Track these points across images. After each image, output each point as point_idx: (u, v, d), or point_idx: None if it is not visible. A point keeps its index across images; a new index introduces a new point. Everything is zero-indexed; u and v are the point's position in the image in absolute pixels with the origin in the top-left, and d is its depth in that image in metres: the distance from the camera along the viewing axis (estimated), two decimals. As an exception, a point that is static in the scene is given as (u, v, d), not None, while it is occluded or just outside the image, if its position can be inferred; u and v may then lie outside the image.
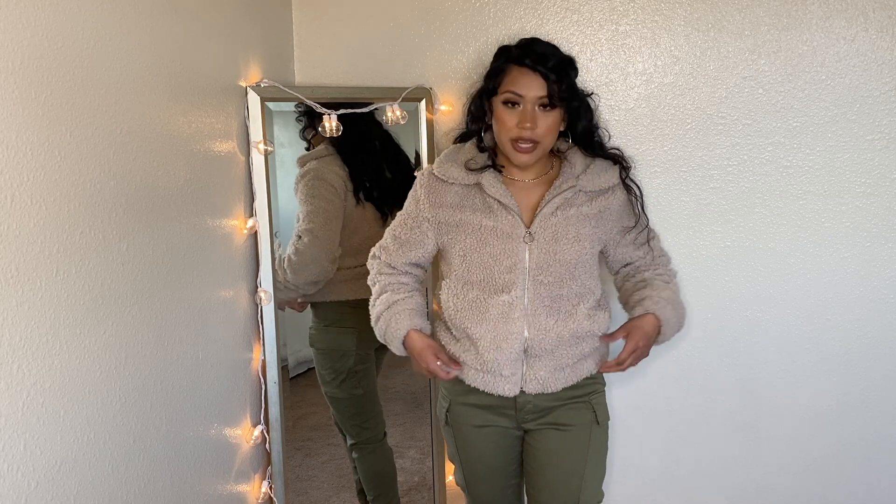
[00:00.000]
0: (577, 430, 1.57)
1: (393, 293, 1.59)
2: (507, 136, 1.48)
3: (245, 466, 1.76)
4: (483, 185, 1.50)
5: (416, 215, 1.59)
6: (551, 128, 1.48)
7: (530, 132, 1.45)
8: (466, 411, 1.61)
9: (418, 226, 1.59)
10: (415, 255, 1.60)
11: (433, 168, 1.58)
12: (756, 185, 1.87)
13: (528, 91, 1.45)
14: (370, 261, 1.67)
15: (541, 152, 1.50)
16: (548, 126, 1.47)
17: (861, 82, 1.80)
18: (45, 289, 0.99)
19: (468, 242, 1.52)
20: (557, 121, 1.49)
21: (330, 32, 1.93)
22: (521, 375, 1.53)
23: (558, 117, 1.49)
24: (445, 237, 1.56)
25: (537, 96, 1.45)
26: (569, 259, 1.51)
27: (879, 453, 1.97)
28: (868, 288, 1.89)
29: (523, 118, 1.45)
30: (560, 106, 1.47)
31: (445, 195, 1.55)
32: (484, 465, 1.65)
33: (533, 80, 1.45)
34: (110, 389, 1.17)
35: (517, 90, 1.46)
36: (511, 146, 1.48)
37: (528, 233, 1.50)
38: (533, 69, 1.45)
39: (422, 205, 1.57)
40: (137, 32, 1.23)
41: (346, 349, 2.08)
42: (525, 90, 1.45)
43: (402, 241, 1.61)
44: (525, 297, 1.50)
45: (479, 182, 1.51)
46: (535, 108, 1.46)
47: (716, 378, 1.97)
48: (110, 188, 1.15)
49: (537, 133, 1.46)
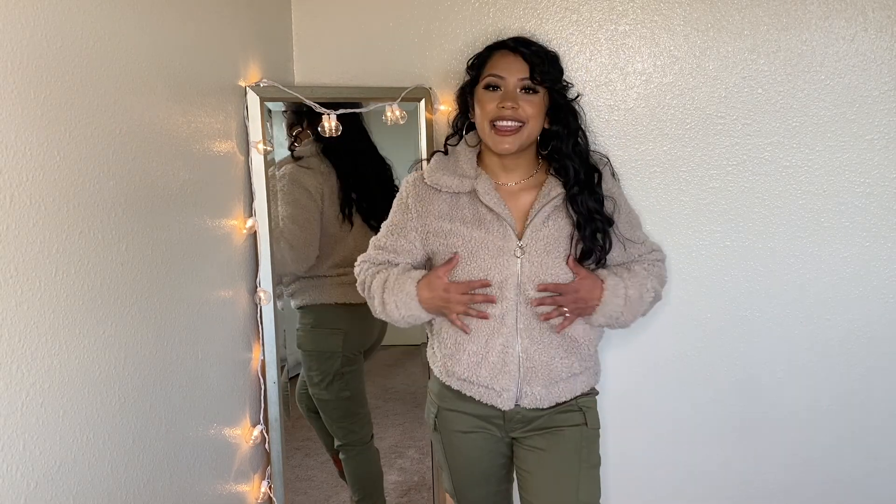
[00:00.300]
0: (568, 431, 1.54)
1: (381, 273, 1.54)
2: (487, 119, 1.45)
3: (244, 466, 1.76)
4: (478, 192, 1.48)
5: (403, 224, 1.55)
6: (534, 112, 1.45)
7: (511, 111, 1.42)
8: (455, 417, 1.58)
9: (405, 235, 1.55)
10: (402, 261, 1.57)
11: (423, 176, 1.55)
12: (756, 184, 1.87)
13: (510, 73, 1.44)
14: (356, 268, 1.62)
15: (523, 138, 1.46)
16: (531, 110, 1.44)
17: (860, 82, 1.80)
18: (44, 289, 0.99)
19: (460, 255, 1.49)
20: (541, 106, 1.46)
21: (329, 32, 1.93)
22: (516, 390, 1.51)
23: (542, 102, 1.46)
24: (433, 247, 1.53)
25: (519, 77, 1.44)
26: (559, 273, 1.49)
27: (879, 453, 1.97)
28: (868, 288, 1.89)
29: (504, 97, 1.43)
30: (543, 89, 1.45)
31: (434, 204, 1.52)
32: (473, 470, 1.63)
33: (514, 62, 1.45)
34: (110, 389, 1.16)
35: (498, 72, 1.45)
36: (491, 130, 1.45)
37: (520, 247, 1.47)
38: (514, 50, 1.45)
39: (410, 213, 1.54)
40: (136, 32, 1.23)
41: (333, 350, 2.08)
42: (506, 72, 1.44)
43: (388, 251, 1.57)
44: (517, 311, 1.48)
45: (475, 189, 1.49)
46: (518, 91, 1.44)
47: (716, 378, 1.97)
48: (109, 188, 1.15)
49: (519, 113, 1.43)
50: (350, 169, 2.01)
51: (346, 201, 2.00)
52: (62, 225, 1.03)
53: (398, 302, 1.49)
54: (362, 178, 2.03)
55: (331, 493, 2.18)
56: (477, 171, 1.52)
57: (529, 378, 1.51)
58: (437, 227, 1.52)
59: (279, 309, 1.87)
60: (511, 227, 1.48)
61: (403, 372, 2.33)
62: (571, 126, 1.51)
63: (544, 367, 1.50)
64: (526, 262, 1.47)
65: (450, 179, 1.51)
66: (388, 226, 1.59)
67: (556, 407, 1.54)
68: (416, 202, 1.54)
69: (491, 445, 1.59)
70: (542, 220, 1.48)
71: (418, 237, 1.55)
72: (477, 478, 1.64)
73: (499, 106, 1.43)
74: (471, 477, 1.64)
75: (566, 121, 1.51)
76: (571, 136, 1.51)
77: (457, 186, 1.50)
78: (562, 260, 1.49)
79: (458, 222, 1.50)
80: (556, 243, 1.49)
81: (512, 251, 1.47)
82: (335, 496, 2.18)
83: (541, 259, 1.47)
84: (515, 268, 1.47)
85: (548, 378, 1.51)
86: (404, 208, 1.56)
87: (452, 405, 1.58)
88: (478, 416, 1.56)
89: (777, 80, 1.82)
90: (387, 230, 1.59)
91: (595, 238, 1.50)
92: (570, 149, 1.50)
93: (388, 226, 1.59)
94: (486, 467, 1.62)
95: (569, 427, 1.55)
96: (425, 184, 1.54)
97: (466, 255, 1.48)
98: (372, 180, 2.04)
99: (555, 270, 1.48)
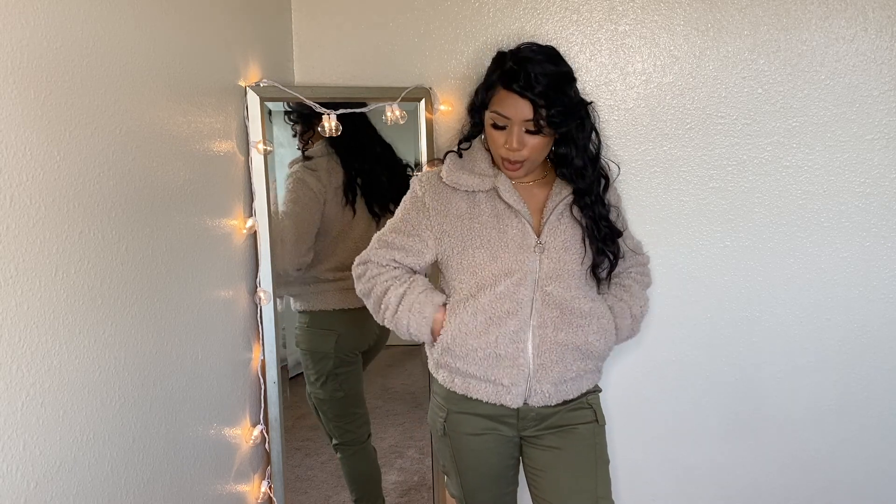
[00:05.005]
0: (582, 429, 1.56)
1: (399, 286, 1.53)
2: (496, 153, 1.49)
3: (244, 466, 1.76)
4: (499, 189, 1.49)
5: (417, 222, 1.54)
6: (539, 146, 1.46)
7: (517, 153, 1.45)
8: (465, 419, 1.58)
9: (418, 234, 1.54)
10: (410, 262, 1.56)
11: (441, 175, 1.54)
12: (756, 184, 1.87)
13: (515, 114, 1.42)
14: (357, 268, 1.60)
15: (530, 167, 1.50)
16: (534, 147, 1.45)
17: (860, 82, 1.80)
18: (44, 289, 0.99)
19: (479, 256, 1.49)
20: (547, 140, 1.47)
21: (329, 32, 1.93)
22: (526, 388, 1.52)
23: (547, 137, 1.46)
24: (446, 249, 1.53)
25: (523, 120, 1.42)
26: (575, 270, 1.50)
27: (879, 453, 1.97)
28: (868, 288, 1.89)
29: (509, 140, 1.44)
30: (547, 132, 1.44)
31: (453, 203, 1.52)
32: (483, 472, 1.62)
33: (520, 103, 1.41)
34: (110, 389, 1.16)
35: (504, 112, 1.43)
36: (500, 161, 1.49)
37: (539, 243, 1.49)
38: (521, 95, 1.41)
39: (428, 211, 1.53)
40: (136, 32, 1.23)
41: (325, 351, 2.08)
42: (511, 112, 1.43)
43: (395, 249, 1.55)
44: (533, 309, 1.49)
45: (496, 186, 1.50)
46: (522, 131, 1.44)
47: (716, 378, 1.97)
48: (109, 188, 1.15)
49: (524, 153, 1.45)
50: (355, 156, 2.01)
51: (350, 186, 2.00)
52: (62, 225, 1.03)
53: (411, 321, 1.52)
54: (365, 163, 2.02)
55: (331, 493, 2.18)
56: (495, 170, 1.53)
57: (539, 376, 1.51)
58: (453, 228, 1.52)
59: (279, 309, 1.87)
60: (529, 224, 1.49)
61: (403, 372, 2.33)
62: (579, 146, 1.51)
63: (555, 366, 1.51)
64: (545, 258, 1.49)
65: (469, 178, 1.52)
66: (397, 223, 1.57)
67: (565, 404, 1.55)
68: (434, 201, 1.53)
69: (501, 447, 1.60)
70: (556, 217, 1.51)
71: (432, 236, 1.54)
72: (487, 480, 1.64)
73: (504, 146, 1.45)
74: (481, 479, 1.64)
75: (574, 143, 1.50)
76: (579, 156, 1.51)
77: (477, 185, 1.51)
78: (578, 257, 1.51)
79: (476, 222, 1.51)
80: (573, 240, 1.51)
81: (531, 247, 1.48)
82: (335, 496, 2.18)
83: (559, 255, 1.49)
84: (535, 264, 1.48)
85: (558, 376, 1.52)
86: (420, 206, 1.54)
87: (462, 407, 1.57)
88: (488, 417, 1.56)
89: (777, 80, 1.82)
90: (396, 228, 1.57)
91: (605, 244, 1.53)
92: (576, 170, 1.51)
93: (398, 223, 1.57)
94: (496, 469, 1.62)
95: (582, 424, 1.56)
96: (443, 183, 1.54)
97: (488, 257, 1.49)
98: (375, 163, 2.04)
99: (572, 267, 1.50)
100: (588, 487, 1.53)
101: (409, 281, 1.54)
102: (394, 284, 1.53)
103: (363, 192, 2.01)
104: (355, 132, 1.90)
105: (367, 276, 1.58)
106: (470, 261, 1.51)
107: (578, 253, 1.51)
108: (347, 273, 1.64)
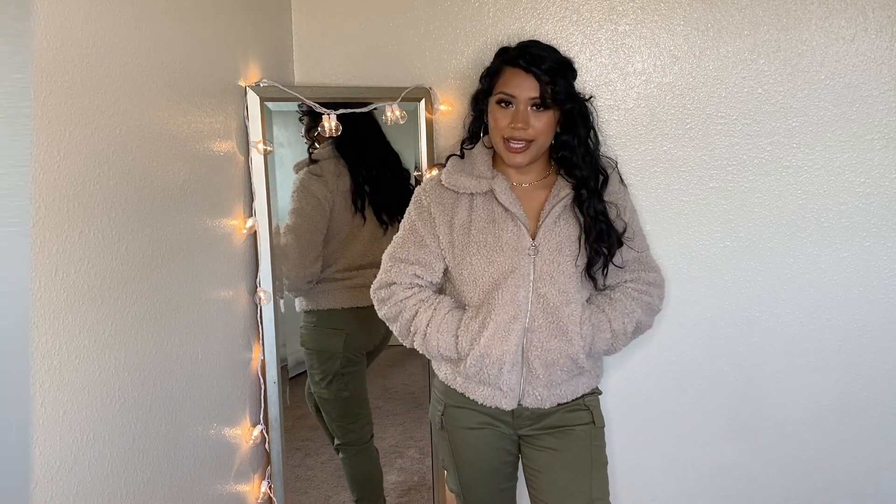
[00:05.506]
0: (578, 430, 1.57)
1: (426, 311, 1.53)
2: (500, 136, 1.48)
3: (244, 466, 1.76)
4: (495, 192, 1.50)
5: (424, 233, 1.54)
6: (545, 128, 1.47)
7: (522, 132, 1.45)
8: (462, 413, 1.59)
9: (427, 245, 1.55)
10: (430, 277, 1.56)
11: (441, 179, 1.55)
12: (756, 184, 1.87)
13: (521, 91, 1.45)
14: (380, 291, 1.58)
15: (535, 152, 1.49)
16: (541, 126, 1.46)
17: (860, 82, 1.80)
18: (44, 289, 0.99)
19: (476, 263, 1.50)
20: (551, 121, 1.48)
21: (329, 32, 1.93)
22: (520, 391, 1.53)
23: (552, 118, 1.48)
24: (451, 259, 1.54)
25: (529, 97, 1.45)
26: (570, 272, 1.50)
27: (879, 453, 1.97)
28: (868, 288, 1.89)
29: (515, 118, 1.45)
30: (553, 108, 1.46)
31: (457, 212, 1.52)
32: (480, 466, 1.63)
33: (525, 80, 1.45)
34: (110, 389, 1.16)
35: (509, 90, 1.46)
36: (504, 146, 1.48)
37: (534, 246, 1.49)
38: (526, 70, 1.45)
39: (434, 221, 1.53)
40: (136, 32, 1.23)
41: (334, 351, 2.08)
42: (517, 90, 1.45)
43: (413, 264, 1.55)
44: (528, 310, 1.49)
45: (492, 188, 1.50)
46: (528, 109, 1.45)
47: (716, 378, 1.97)
48: (109, 188, 1.15)
49: (529, 133, 1.45)
50: (361, 162, 2.01)
51: (359, 193, 2.00)
52: (62, 225, 1.03)
53: (440, 342, 1.52)
54: (372, 170, 2.02)
55: (331, 493, 2.18)
56: (493, 172, 1.54)
57: (531, 378, 1.51)
58: (456, 238, 1.52)
59: (279, 309, 1.87)
60: (525, 227, 1.49)
61: (403, 372, 2.32)
62: (581, 135, 1.53)
63: (546, 370, 1.51)
64: (539, 260, 1.49)
65: (467, 180, 1.52)
66: (405, 237, 1.57)
67: (560, 407, 1.56)
68: (439, 210, 1.53)
69: (498, 441, 1.60)
70: (553, 220, 1.51)
71: (440, 246, 1.54)
72: (484, 474, 1.65)
73: (510, 125, 1.45)
74: (478, 473, 1.64)
75: (576, 130, 1.52)
76: (581, 145, 1.52)
77: (474, 187, 1.52)
78: (572, 259, 1.50)
79: (473, 228, 1.51)
80: (567, 242, 1.51)
81: (526, 250, 1.49)
82: (335, 496, 2.18)
83: (553, 257, 1.49)
84: (529, 266, 1.49)
85: (549, 380, 1.52)
86: (426, 217, 1.55)
87: (459, 402, 1.59)
88: (485, 413, 1.58)
89: (777, 80, 1.82)
90: (405, 240, 1.57)
91: (601, 240, 1.51)
92: (579, 158, 1.52)
93: (407, 235, 1.57)
94: (493, 463, 1.63)
95: (579, 426, 1.57)
96: (443, 187, 1.54)
97: (485, 263, 1.50)
98: (382, 170, 2.04)
99: (565, 267, 1.50)
100: (583, 489, 1.53)
101: (436, 303, 1.55)
102: (422, 307, 1.54)
103: (371, 200, 2.01)
104: (361, 134, 1.90)
105: (393, 299, 1.57)
106: (470, 270, 1.52)
107: (572, 253, 1.51)
108: (356, 272, 1.64)
